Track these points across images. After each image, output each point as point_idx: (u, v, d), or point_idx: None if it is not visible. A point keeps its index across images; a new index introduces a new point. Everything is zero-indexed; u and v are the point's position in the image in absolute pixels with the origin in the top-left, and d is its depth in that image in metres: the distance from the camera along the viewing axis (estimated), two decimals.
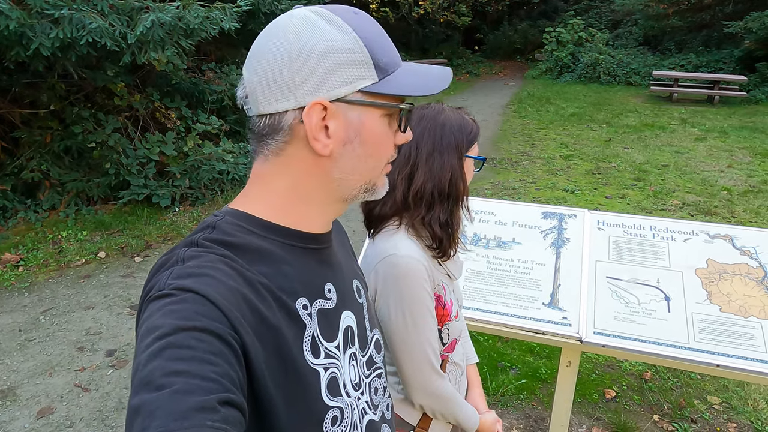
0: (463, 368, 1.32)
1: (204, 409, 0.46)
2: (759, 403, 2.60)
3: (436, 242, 1.12)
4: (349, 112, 0.63)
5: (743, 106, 9.73)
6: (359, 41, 0.61)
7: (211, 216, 0.65)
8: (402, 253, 1.06)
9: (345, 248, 0.83)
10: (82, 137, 4.76)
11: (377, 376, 0.80)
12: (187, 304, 0.53)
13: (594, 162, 6.61)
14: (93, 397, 2.68)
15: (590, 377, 2.81)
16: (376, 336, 0.83)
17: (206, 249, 0.60)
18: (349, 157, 0.65)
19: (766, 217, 4.88)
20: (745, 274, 1.89)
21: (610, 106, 9.87)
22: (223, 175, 5.41)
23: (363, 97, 0.63)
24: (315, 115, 0.61)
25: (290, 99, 0.61)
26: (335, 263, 0.74)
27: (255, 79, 0.62)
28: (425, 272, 1.07)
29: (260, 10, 5.46)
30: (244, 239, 0.62)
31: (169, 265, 0.58)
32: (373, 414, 0.76)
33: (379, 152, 0.68)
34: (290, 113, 0.62)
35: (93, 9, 3.71)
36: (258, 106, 0.63)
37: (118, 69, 4.55)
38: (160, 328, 0.50)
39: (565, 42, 13.40)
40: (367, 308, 0.82)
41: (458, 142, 1.12)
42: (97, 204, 5.04)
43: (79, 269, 4.03)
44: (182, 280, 0.55)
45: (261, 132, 0.64)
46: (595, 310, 1.87)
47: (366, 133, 0.65)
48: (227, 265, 0.59)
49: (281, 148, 0.64)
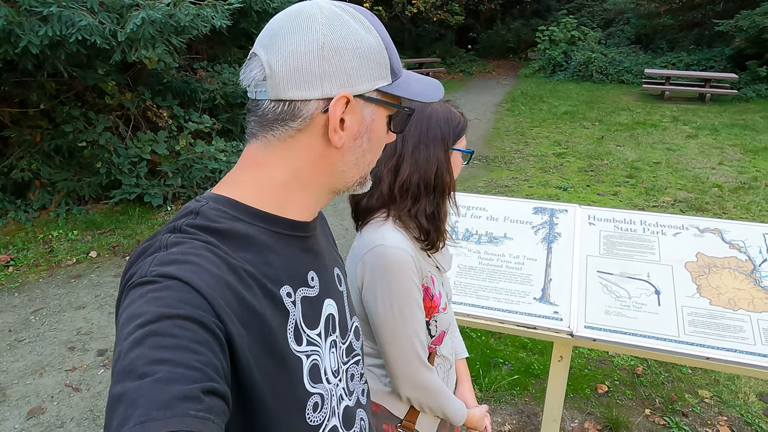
0: (451, 362, 1.31)
1: (187, 398, 0.45)
2: (749, 397, 2.62)
3: (424, 234, 1.12)
4: (365, 108, 0.65)
5: (734, 103, 9.80)
6: (381, 43, 0.64)
7: (192, 201, 0.65)
8: (389, 244, 1.06)
9: (326, 236, 0.84)
10: (73, 136, 4.73)
11: (355, 362, 0.81)
12: (170, 292, 0.52)
13: (586, 160, 6.63)
14: (84, 396, 2.66)
15: (582, 372, 2.82)
16: (355, 324, 0.84)
17: (190, 235, 0.59)
18: (355, 152, 0.67)
19: (756, 213, 4.91)
20: (734, 268, 1.90)
21: (602, 104, 9.91)
22: (215, 174, 5.38)
23: (379, 96, 0.66)
24: (339, 107, 0.62)
25: (317, 88, 0.61)
26: (318, 251, 0.74)
27: (278, 63, 0.61)
28: (413, 263, 1.07)
29: (252, 8, 5.44)
30: (229, 225, 0.62)
31: (152, 251, 0.57)
32: (349, 400, 0.77)
33: (378, 149, 0.71)
34: (313, 102, 0.62)
35: (82, 6, 3.68)
36: (278, 90, 0.62)
37: (109, 67, 4.52)
38: (142, 316, 0.50)
39: (558, 41, 13.45)
40: (347, 296, 0.83)
41: (444, 135, 1.12)
42: (88, 203, 5.00)
43: (70, 269, 4.00)
44: (165, 267, 0.54)
45: (274, 117, 0.63)
46: (586, 305, 1.87)
47: (373, 131, 0.68)
48: (211, 252, 0.58)
49: (291, 135, 0.64)
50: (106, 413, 0.46)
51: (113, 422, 0.44)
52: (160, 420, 0.43)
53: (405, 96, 0.67)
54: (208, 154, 5.29)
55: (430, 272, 1.17)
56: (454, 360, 1.34)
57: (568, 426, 2.45)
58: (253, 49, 0.64)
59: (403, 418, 1.21)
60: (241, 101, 6.25)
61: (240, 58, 7.06)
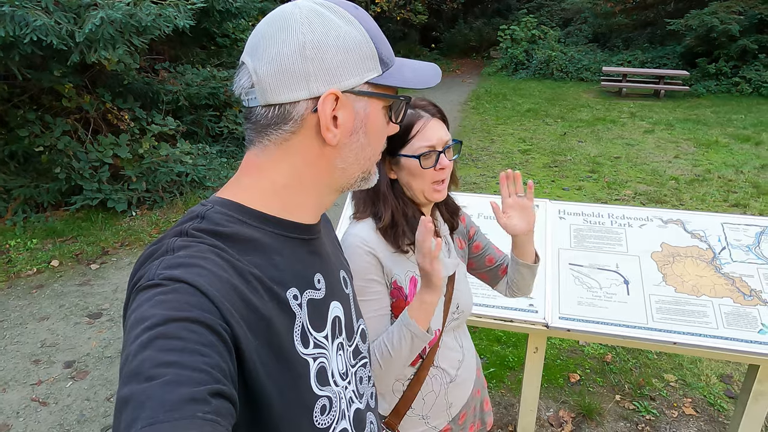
0: (452, 377, 1.25)
1: (194, 401, 0.45)
2: (711, 378, 2.76)
3: (385, 235, 1.15)
4: (356, 102, 0.65)
5: (686, 99, 10.23)
6: (366, 34, 0.63)
7: (198, 205, 0.64)
8: (351, 232, 1.16)
9: (332, 239, 0.84)
10: (29, 141, 4.54)
11: (363, 365, 0.81)
12: (177, 295, 0.52)
13: (551, 156, 6.80)
14: (52, 410, 2.57)
15: (555, 363, 2.90)
16: (361, 326, 0.84)
17: (196, 239, 0.59)
18: (353, 148, 0.67)
19: (710, 204, 5.15)
20: (696, 256, 2.00)
21: (563, 101, 10.18)
22: (181, 177, 5.26)
23: (370, 88, 0.65)
24: (328, 104, 0.62)
25: (303, 89, 0.61)
26: (324, 254, 0.74)
27: (263, 68, 0.61)
28: (366, 253, 1.12)
29: (215, 8, 5.34)
30: (234, 229, 0.62)
31: (159, 254, 0.57)
32: (360, 403, 0.77)
33: (378, 142, 0.70)
34: (302, 103, 0.62)
35: (37, 6, 3.53)
36: (266, 96, 0.62)
37: (66, 69, 4.34)
38: (150, 319, 0.50)
39: (519, 39, 13.71)
40: (353, 298, 0.83)
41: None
42: (47, 211, 4.81)
43: (31, 279, 3.84)
44: (172, 270, 0.54)
45: (267, 122, 0.63)
46: (560, 296, 1.93)
47: (369, 124, 0.67)
48: (218, 255, 0.58)
49: (286, 138, 0.64)
50: (114, 416, 0.46)
51: (121, 424, 0.44)
52: (168, 422, 0.43)
53: (398, 85, 0.66)
54: (174, 157, 5.17)
55: (413, 273, 1.18)
56: (459, 375, 1.27)
57: (543, 415, 2.52)
58: (242, 57, 0.64)
59: (386, 416, 1.21)
60: (205, 102, 6.13)
61: (203, 59, 6.92)
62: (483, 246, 1.45)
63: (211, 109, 6.30)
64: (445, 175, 1.16)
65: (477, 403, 1.39)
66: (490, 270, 1.45)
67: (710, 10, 10.57)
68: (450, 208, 1.34)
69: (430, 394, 1.22)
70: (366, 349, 0.84)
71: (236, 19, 5.84)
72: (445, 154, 1.14)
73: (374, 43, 0.64)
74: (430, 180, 1.14)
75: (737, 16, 10.27)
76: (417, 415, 1.23)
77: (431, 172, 1.13)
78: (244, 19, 5.96)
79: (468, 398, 1.32)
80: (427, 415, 1.24)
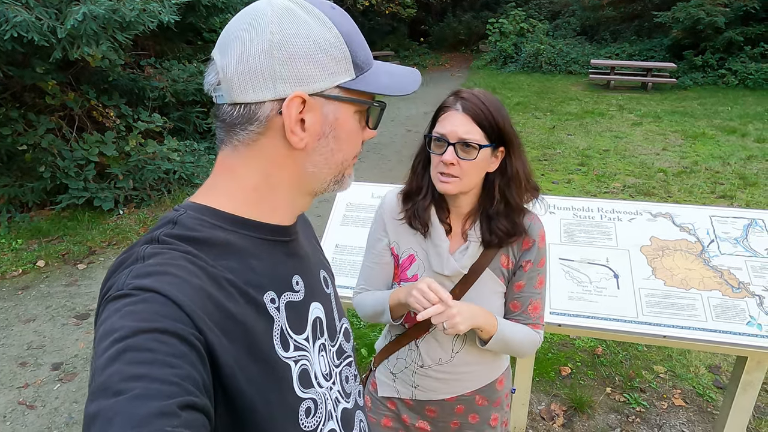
0: (426, 365, 1.29)
1: (164, 415, 0.44)
2: (699, 369, 2.79)
3: (403, 201, 1.30)
4: (325, 106, 0.62)
5: (674, 91, 10.30)
6: (339, 36, 0.61)
7: (171, 211, 0.63)
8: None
9: (310, 239, 0.83)
10: (12, 139, 4.45)
11: (347, 364, 0.81)
12: (147, 305, 0.50)
13: (540, 149, 6.82)
14: (39, 414, 2.54)
15: (546, 356, 2.91)
16: (344, 325, 0.83)
17: (168, 246, 0.57)
18: (322, 152, 0.65)
19: (698, 196, 5.20)
20: (685, 250, 2.01)
21: (552, 94, 10.21)
22: (169, 175, 5.20)
23: (340, 92, 0.63)
24: (294, 107, 0.60)
25: (269, 89, 0.59)
26: (302, 255, 0.73)
27: (230, 66, 0.59)
28: (378, 214, 1.34)
29: (200, 3, 5.27)
30: (208, 234, 0.60)
31: (129, 263, 0.56)
32: (347, 402, 0.77)
33: (350, 148, 0.68)
34: (267, 104, 0.60)
35: (16, 2, 3.46)
36: (232, 94, 0.60)
37: (49, 66, 4.26)
38: (118, 331, 0.48)
39: (508, 33, 13.71)
40: (335, 298, 0.82)
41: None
42: (32, 210, 4.73)
43: (16, 280, 3.78)
44: (142, 280, 0.52)
45: (232, 121, 0.62)
46: (551, 291, 1.94)
47: (339, 129, 0.65)
48: (190, 261, 0.56)
49: (254, 139, 0.62)
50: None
51: None
52: None
53: (371, 91, 0.64)
54: (161, 155, 5.11)
55: (413, 249, 1.29)
56: (434, 371, 1.29)
57: (535, 409, 2.53)
58: (212, 53, 0.63)
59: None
60: (192, 99, 6.06)
61: (189, 54, 6.82)
62: (523, 290, 1.25)
63: (198, 106, 6.22)
64: (449, 169, 1.14)
65: (461, 419, 1.36)
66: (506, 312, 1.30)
67: (696, 2, 10.62)
68: (507, 224, 1.19)
69: (401, 361, 1.35)
70: (350, 348, 0.83)
71: (223, 14, 5.77)
72: (456, 149, 1.12)
73: (348, 46, 0.62)
74: (436, 168, 1.17)
75: (723, 9, 10.34)
76: (388, 370, 1.38)
77: (438, 160, 1.16)
78: (230, 14, 5.87)
79: (441, 399, 1.33)
80: (396, 376, 1.37)
